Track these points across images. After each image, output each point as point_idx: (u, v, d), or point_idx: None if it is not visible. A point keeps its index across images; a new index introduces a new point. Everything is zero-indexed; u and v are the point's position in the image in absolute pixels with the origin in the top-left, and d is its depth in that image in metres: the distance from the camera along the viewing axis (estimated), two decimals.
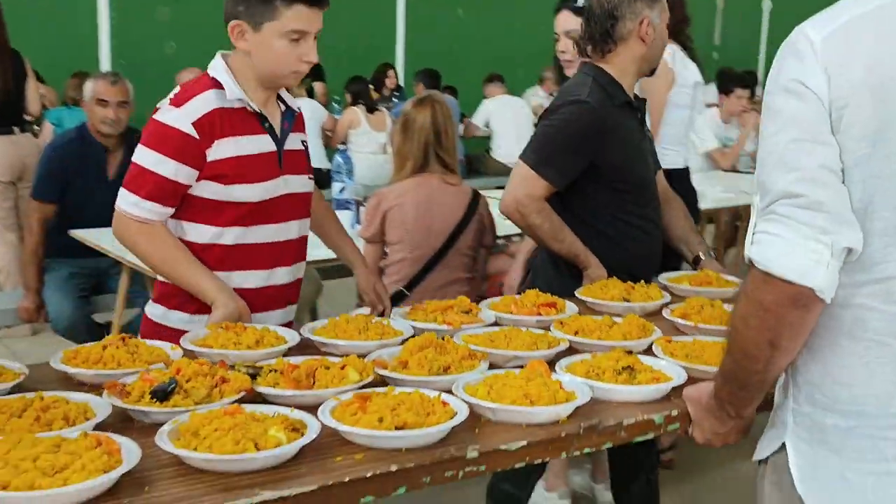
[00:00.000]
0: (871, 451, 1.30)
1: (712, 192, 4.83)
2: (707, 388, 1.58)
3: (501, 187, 7.35)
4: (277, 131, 2.15)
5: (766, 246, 1.28)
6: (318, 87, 8.40)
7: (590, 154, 2.46)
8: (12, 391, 1.58)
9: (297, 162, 2.20)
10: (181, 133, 2.00)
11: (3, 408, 1.44)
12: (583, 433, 1.56)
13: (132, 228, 2.03)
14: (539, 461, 1.57)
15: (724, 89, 5.88)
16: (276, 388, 1.59)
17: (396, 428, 1.42)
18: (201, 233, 2.09)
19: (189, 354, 1.77)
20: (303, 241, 2.25)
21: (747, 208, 5.13)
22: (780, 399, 1.45)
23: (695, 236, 2.81)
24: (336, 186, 3.99)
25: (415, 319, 2.09)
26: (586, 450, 1.58)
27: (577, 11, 3.04)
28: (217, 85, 2.06)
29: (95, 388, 1.60)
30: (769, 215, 1.29)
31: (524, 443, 1.49)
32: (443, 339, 1.81)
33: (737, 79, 5.94)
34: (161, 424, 1.42)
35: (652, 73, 2.61)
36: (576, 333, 2.00)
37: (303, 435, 1.38)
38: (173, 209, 2.06)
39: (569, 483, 3.26)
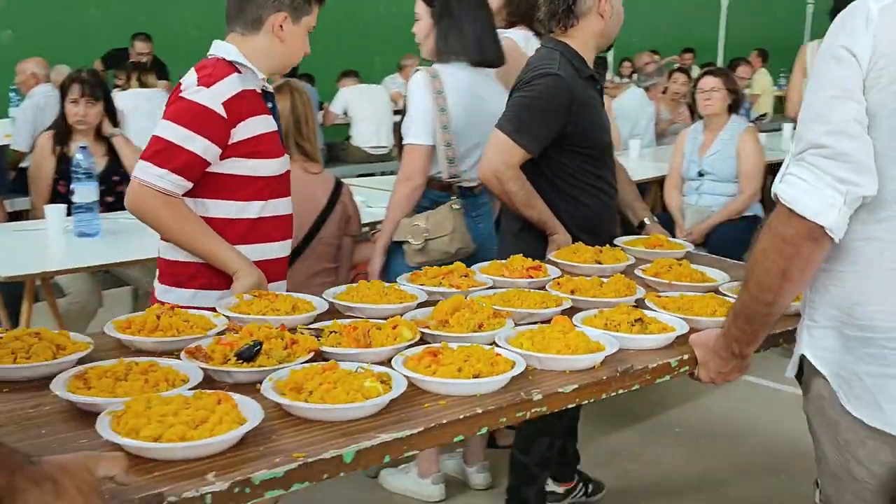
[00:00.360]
0: (880, 357, 1.57)
1: None
2: (712, 333, 1.85)
3: (363, 175, 7.34)
4: None
5: (792, 186, 1.52)
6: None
7: (561, 122, 2.63)
8: (80, 362, 1.62)
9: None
10: (212, 112, 2.11)
11: (106, 373, 1.53)
12: (618, 377, 1.78)
13: (157, 200, 2.10)
14: (585, 402, 1.78)
15: None
16: (339, 347, 1.73)
17: (473, 376, 1.60)
18: (225, 208, 2.19)
19: (231, 321, 1.88)
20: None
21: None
22: (801, 324, 1.72)
23: (639, 203, 3.05)
24: None
25: (422, 284, 2.21)
26: (620, 391, 1.80)
27: None
28: (236, 69, 2.18)
29: (151, 355, 1.68)
30: (799, 161, 1.53)
31: (576, 385, 1.70)
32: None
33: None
34: (243, 385, 1.56)
35: (609, 48, 2.80)
36: (572, 292, 2.19)
37: (390, 387, 1.55)
38: (192, 185, 2.14)
39: (442, 468, 3.28)
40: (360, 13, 9.68)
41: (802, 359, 1.71)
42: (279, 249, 2.32)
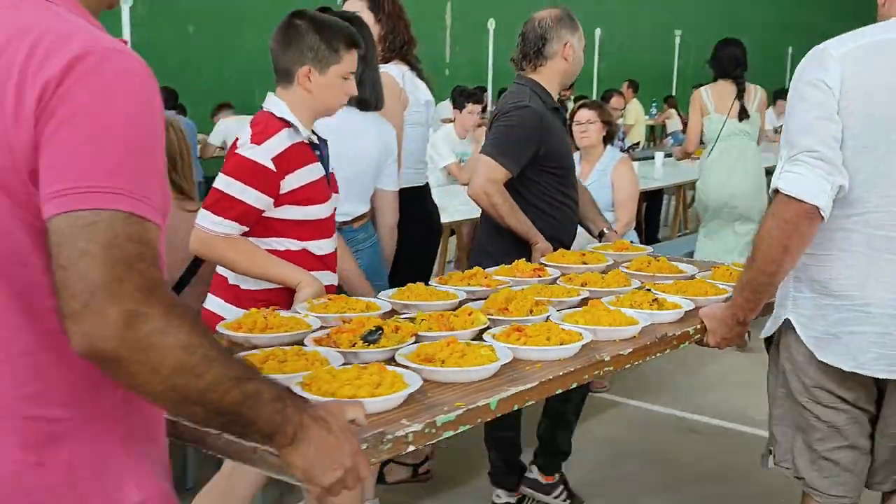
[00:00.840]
0: (850, 319, 2.04)
1: (453, 205, 5.00)
2: (719, 306, 2.31)
3: None
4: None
5: (792, 179, 1.97)
6: None
7: (534, 146, 3.10)
8: None
9: (332, 182, 2.60)
10: (263, 167, 2.38)
11: (267, 358, 1.83)
12: (657, 342, 2.23)
13: (219, 244, 2.42)
14: (639, 361, 2.19)
15: (458, 105, 6.10)
16: (431, 331, 2.07)
17: (559, 344, 1.99)
18: (289, 245, 2.48)
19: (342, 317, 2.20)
20: None
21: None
22: (783, 294, 2.17)
23: (598, 216, 3.51)
24: None
25: (453, 285, 2.58)
26: (658, 354, 2.24)
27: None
28: (287, 124, 2.44)
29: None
30: (795, 161, 1.98)
31: (631, 349, 2.13)
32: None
33: (468, 95, 6.18)
34: (368, 363, 1.82)
35: (570, 87, 3.28)
36: (583, 285, 2.63)
37: (497, 357, 1.88)
38: (248, 229, 2.43)
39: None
40: (240, 43, 9.56)
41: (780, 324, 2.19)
42: (331, 278, 2.60)
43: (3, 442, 1.16)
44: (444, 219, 4.76)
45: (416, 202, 3.44)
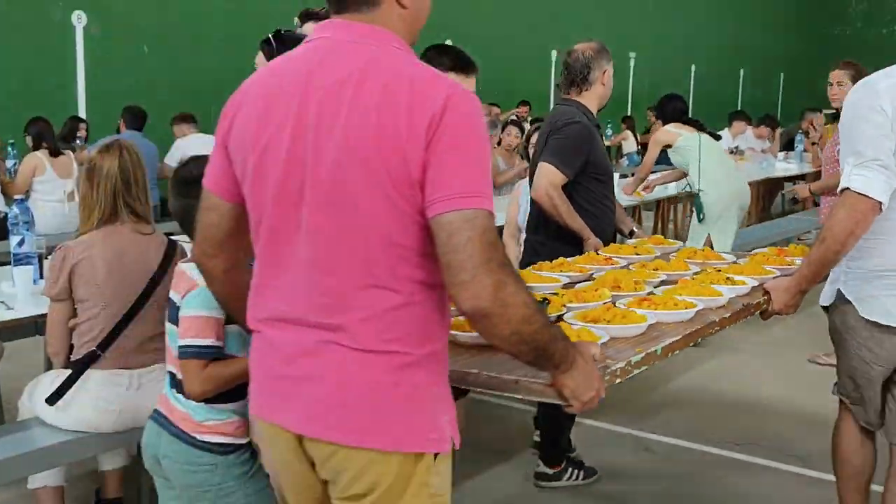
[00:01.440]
0: (891, 286, 2.68)
1: None
2: (783, 279, 2.83)
3: None
4: None
5: (862, 181, 2.53)
6: None
7: (585, 155, 3.64)
8: None
9: None
10: None
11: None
12: (744, 308, 2.71)
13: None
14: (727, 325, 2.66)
15: None
16: (572, 303, 2.53)
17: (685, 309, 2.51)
18: None
19: None
20: None
21: None
22: (838, 272, 2.78)
23: (626, 217, 4.07)
24: (14, 239, 3.65)
25: (551, 271, 3.02)
26: (748, 317, 2.79)
27: (320, 18, 3.26)
28: None
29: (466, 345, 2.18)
30: (863, 167, 2.54)
31: (729, 314, 2.63)
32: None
33: None
34: None
35: (603, 107, 3.85)
36: (655, 269, 3.07)
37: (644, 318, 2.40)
38: None
39: None
40: (196, 63, 9.51)
41: (836, 292, 2.83)
42: None
43: (372, 368, 1.66)
44: None
45: None
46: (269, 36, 2.95)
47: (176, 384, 2.32)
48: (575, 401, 1.80)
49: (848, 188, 2.55)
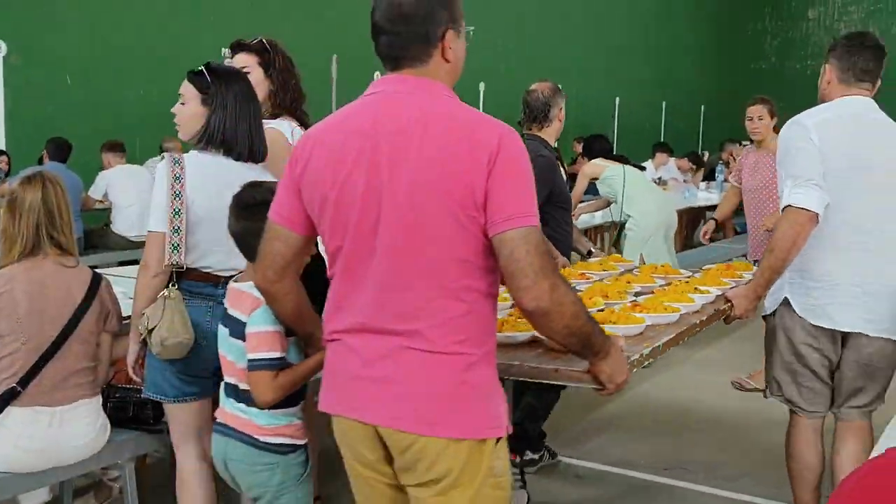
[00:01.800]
0: (830, 294, 3.10)
1: None
2: (741, 288, 3.23)
3: (125, 262, 6.98)
4: None
5: (800, 196, 2.96)
6: None
7: (550, 186, 3.97)
8: None
9: None
10: None
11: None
12: (714, 313, 3.14)
13: None
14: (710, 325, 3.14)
15: None
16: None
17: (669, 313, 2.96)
18: None
19: None
20: None
21: None
22: (782, 281, 3.14)
23: (583, 238, 4.55)
24: None
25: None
26: (716, 321, 3.19)
27: (251, 50, 3.32)
28: None
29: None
30: (801, 186, 2.97)
31: (705, 317, 3.07)
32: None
33: None
34: None
35: (556, 141, 4.22)
36: (628, 282, 3.48)
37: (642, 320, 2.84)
38: None
39: None
40: (119, 95, 9.37)
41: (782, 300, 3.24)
42: None
43: (444, 367, 1.97)
44: None
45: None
46: (202, 68, 2.94)
47: (236, 394, 2.55)
48: (610, 384, 2.20)
49: (790, 205, 2.96)
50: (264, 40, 3.38)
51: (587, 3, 18.18)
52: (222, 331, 2.60)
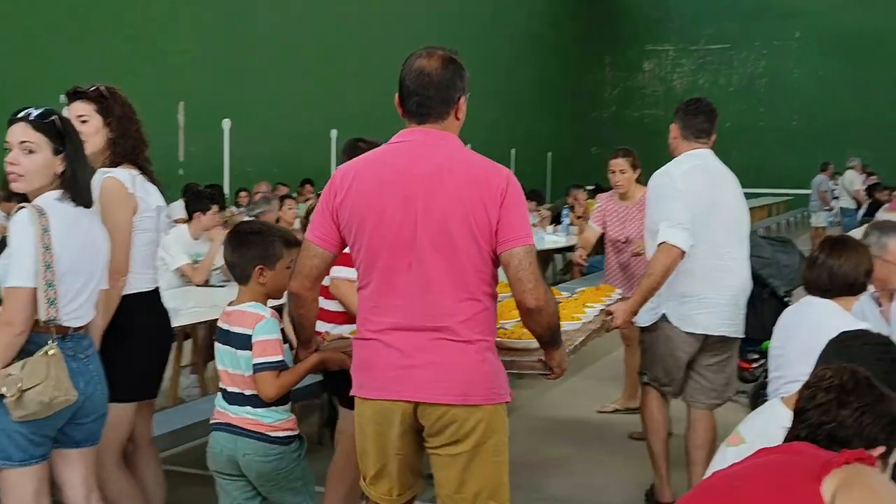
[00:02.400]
0: (697, 306, 3.84)
1: (187, 307, 4.86)
2: (620, 303, 3.87)
3: None
4: None
5: (672, 236, 3.63)
6: None
7: None
8: None
9: None
10: None
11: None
12: (602, 324, 3.76)
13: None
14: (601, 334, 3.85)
15: (197, 207, 5.92)
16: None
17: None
18: None
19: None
20: None
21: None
22: (659, 300, 3.83)
23: None
24: None
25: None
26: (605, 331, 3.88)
27: (89, 98, 3.20)
28: None
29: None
30: (671, 227, 3.64)
31: (598, 325, 3.71)
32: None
33: (207, 196, 6.08)
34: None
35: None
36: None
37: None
38: None
39: None
40: None
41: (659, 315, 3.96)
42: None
43: (468, 352, 2.52)
44: (178, 322, 4.64)
45: (146, 308, 3.35)
46: (52, 116, 2.85)
47: (242, 400, 2.96)
48: (557, 369, 2.83)
49: (664, 242, 3.68)
50: (102, 88, 3.30)
51: None
52: (225, 349, 2.98)
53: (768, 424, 2.06)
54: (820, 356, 2.44)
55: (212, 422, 3.04)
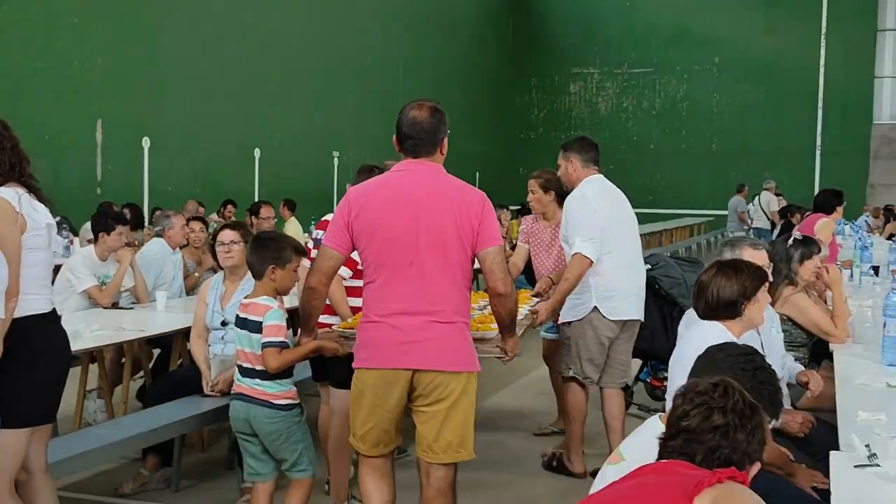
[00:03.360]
0: (620, 298, 4.70)
1: (90, 329, 4.70)
2: (543, 303, 4.69)
3: None
4: None
5: (584, 248, 4.49)
6: None
7: None
8: None
9: None
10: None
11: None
12: (531, 319, 4.59)
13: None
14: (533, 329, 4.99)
15: (103, 227, 5.72)
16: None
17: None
18: None
19: None
20: None
21: (131, 344, 5.13)
22: (581, 292, 4.63)
23: None
24: None
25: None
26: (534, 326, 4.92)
27: None
28: None
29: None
30: (584, 241, 4.50)
31: (530, 321, 4.62)
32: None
33: (112, 216, 5.88)
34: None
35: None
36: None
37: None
38: None
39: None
40: None
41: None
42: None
43: (453, 331, 3.26)
44: (84, 345, 4.52)
45: (42, 330, 3.25)
46: None
47: (253, 374, 3.65)
48: (511, 353, 3.54)
49: (578, 252, 4.48)
50: None
51: (363, 74, 18.61)
52: (242, 332, 3.70)
53: (647, 442, 2.07)
54: (690, 372, 2.47)
55: (232, 392, 3.78)
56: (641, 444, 2.18)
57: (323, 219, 4.73)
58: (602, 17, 26.21)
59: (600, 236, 4.53)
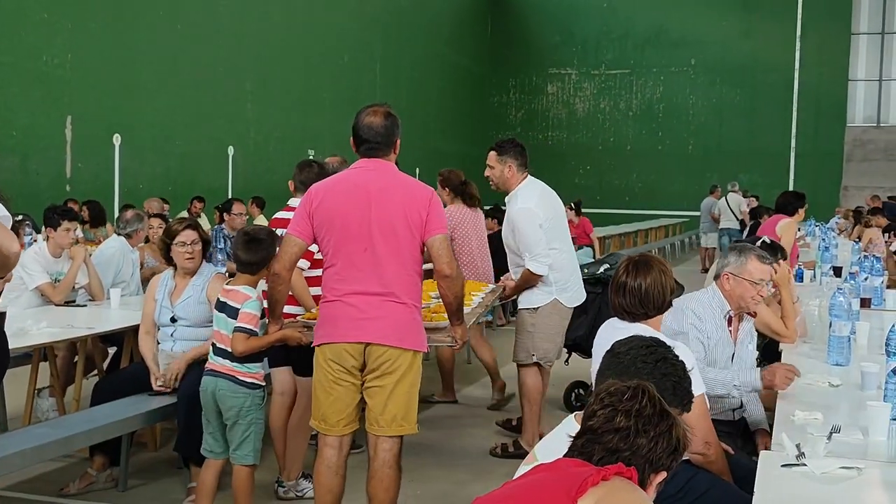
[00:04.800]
0: (572, 289, 5.19)
1: (38, 327, 4.65)
2: (511, 280, 5.20)
3: None
4: None
5: (535, 267, 4.93)
6: None
7: None
8: None
9: None
10: None
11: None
12: (496, 296, 5.48)
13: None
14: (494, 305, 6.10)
15: (52, 224, 5.66)
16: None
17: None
18: None
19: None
20: None
21: (84, 342, 5.08)
22: (549, 289, 5.06)
23: None
24: None
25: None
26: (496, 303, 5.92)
27: None
28: None
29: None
30: (533, 258, 4.93)
31: (490, 299, 5.40)
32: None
33: (62, 212, 5.81)
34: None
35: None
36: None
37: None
38: None
39: None
40: None
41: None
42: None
43: (405, 312, 3.59)
44: (30, 342, 4.48)
45: None
46: None
47: (225, 354, 3.92)
48: (460, 341, 3.86)
49: (528, 269, 4.94)
50: None
51: (340, 72, 18.55)
52: (221, 316, 3.95)
53: (560, 442, 2.05)
54: (598, 369, 2.44)
55: (205, 369, 4.00)
56: (554, 443, 2.16)
57: (274, 217, 4.71)
58: (580, 18, 26.28)
59: (546, 238, 4.96)
